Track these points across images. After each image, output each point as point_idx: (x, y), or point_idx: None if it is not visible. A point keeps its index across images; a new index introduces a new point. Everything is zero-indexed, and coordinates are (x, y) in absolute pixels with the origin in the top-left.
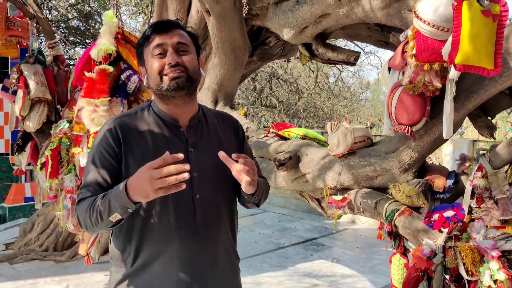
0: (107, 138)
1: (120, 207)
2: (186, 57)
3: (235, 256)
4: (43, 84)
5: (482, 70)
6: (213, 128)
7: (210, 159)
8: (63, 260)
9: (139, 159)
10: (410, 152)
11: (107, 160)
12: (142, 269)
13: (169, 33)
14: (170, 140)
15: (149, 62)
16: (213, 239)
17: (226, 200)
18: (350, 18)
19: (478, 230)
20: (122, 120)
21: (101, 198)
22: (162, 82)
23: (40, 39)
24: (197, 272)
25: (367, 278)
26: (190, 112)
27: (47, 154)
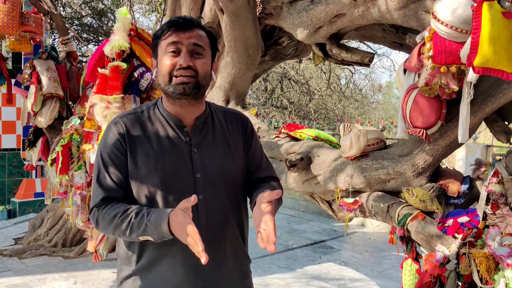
0: (115, 136)
1: (157, 235)
2: (199, 61)
3: (244, 258)
4: (56, 80)
5: (501, 73)
6: (220, 127)
7: (214, 160)
8: (71, 256)
9: (143, 159)
10: (424, 156)
11: (118, 158)
12: (146, 268)
13: (188, 32)
14: (174, 140)
15: (161, 58)
16: (218, 240)
17: (232, 201)
18: (365, 19)
19: (493, 237)
20: (128, 119)
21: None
22: (169, 83)
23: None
24: (202, 273)
25: (376, 283)
26: (196, 111)
27: (58, 150)
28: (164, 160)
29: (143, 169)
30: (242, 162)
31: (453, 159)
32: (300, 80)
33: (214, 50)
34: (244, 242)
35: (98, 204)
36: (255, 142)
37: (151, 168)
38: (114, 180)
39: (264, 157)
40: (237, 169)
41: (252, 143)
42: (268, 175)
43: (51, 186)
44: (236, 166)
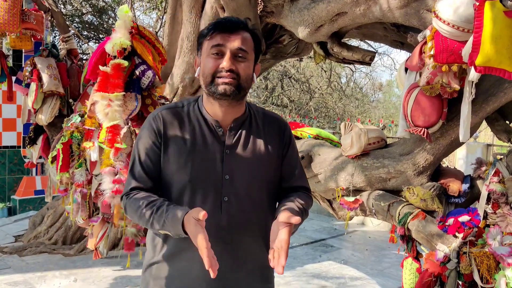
0: (152, 128)
1: (174, 232)
2: (242, 65)
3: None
4: (56, 78)
5: (503, 73)
6: (257, 131)
7: (245, 163)
8: (71, 254)
9: (175, 154)
10: (425, 155)
11: (152, 151)
12: (168, 259)
13: (233, 35)
14: (208, 140)
15: (205, 58)
16: (237, 243)
17: (258, 205)
18: (367, 17)
19: (494, 236)
20: (168, 112)
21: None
22: (211, 84)
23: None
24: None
25: (376, 281)
26: (234, 114)
27: (59, 147)
28: (195, 158)
29: (174, 165)
30: (275, 168)
31: (454, 158)
32: (300, 79)
33: (258, 52)
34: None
35: (127, 192)
36: (292, 149)
37: (181, 164)
38: (146, 170)
39: (299, 166)
40: (268, 175)
41: (289, 150)
42: (300, 185)
43: (51, 184)
44: (267, 172)
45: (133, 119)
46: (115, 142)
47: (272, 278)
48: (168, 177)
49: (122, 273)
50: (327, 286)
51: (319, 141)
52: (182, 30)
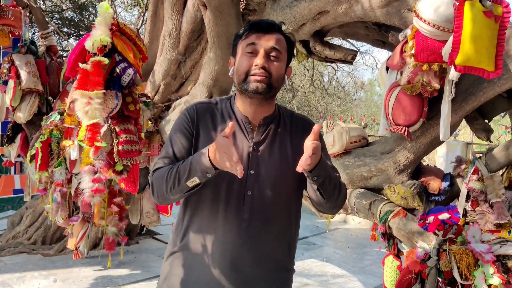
0: (186, 118)
1: (201, 170)
2: (274, 64)
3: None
4: (35, 75)
5: (482, 72)
6: (284, 131)
7: (271, 161)
8: (51, 254)
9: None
10: (406, 153)
11: (184, 138)
12: (188, 246)
13: (267, 35)
14: (237, 135)
15: (240, 57)
16: (258, 238)
17: (282, 203)
18: (348, 16)
19: (473, 234)
20: (202, 106)
21: (182, 164)
22: (244, 82)
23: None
24: (237, 266)
25: (358, 278)
26: (264, 112)
27: (37, 146)
28: None
29: None
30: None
31: (434, 156)
32: None
33: (291, 55)
34: (289, 249)
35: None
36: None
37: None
38: (176, 155)
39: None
40: (293, 174)
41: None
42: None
43: (30, 183)
44: (291, 171)
45: (114, 117)
46: (95, 141)
47: (290, 281)
48: None
49: (103, 273)
50: (309, 284)
51: None
52: (163, 27)
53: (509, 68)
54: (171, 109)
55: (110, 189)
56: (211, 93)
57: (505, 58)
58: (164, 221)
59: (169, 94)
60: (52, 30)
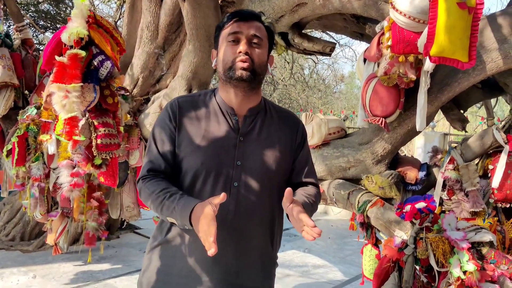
0: (168, 113)
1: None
2: (257, 51)
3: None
4: (10, 69)
5: (456, 63)
6: (271, 122)
7: (258, 152)
8: (30, 250)
9: (189, 139)
10: (384, 144)
11: (167, 134)
12: (172, 240)
13: (248, 23)
14: (223, 126)
15: (223, 47)
16: (242, 230)
17: (267, 196)
18: (326, 8)
19: (448, 222)
20: (185, 100)
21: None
22: (230, 70)
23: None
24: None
25: (339, 268)
26: (250, 103)
27: (14, 141)
28: (208, 143)
29: (187, 147)
30: (286, 163)
31: (413, 147)
32: None
33: (271, 44)
34: (272, 242)
35: (144, 175)
36: (306, 146)
37: (194, 147)
38: (161, 152)
39: (310, 163)
40: (279, 167)
41: (303, 146)
42: (310, 181)
43: (7, 178)
44: (278, 164)
45: (91, 110)
46: (73, 135)
47: (273, 275)
48: (182, 159)
49: (83, 268)
50: (290, 275)
51: None
52: (141, 19)
53: (483, 59)
54: (150, 103)
55: (89, 184)
56: (191, 86)
57: (479, 49)
58: (144, 215)
59: (148, 87)
60: (28, 23)
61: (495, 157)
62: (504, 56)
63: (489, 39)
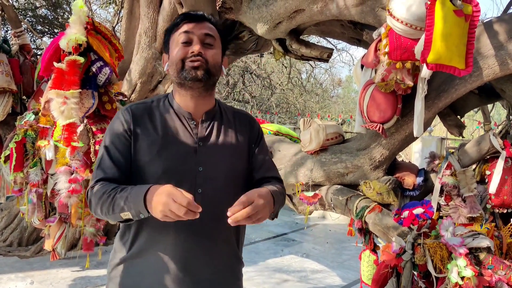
0: (121, 122)
1: (134, 209)
2: (210, 51)
3: (236, 259)
4: (8, 74)
5: (453, 70)
6: (228, 124)
7: (219, 155)
8: (27, 255)
9: (147, 147)
10: (381, 150)
11: (121, 143)
12: (137, 255)
13: (199, 23)
14: (181, 132)
15: (173, 49)
16: (210, 236)
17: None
18: (324, 15)
19: (446, 228)
20: (137, 107)
21: (120, 192)
22: (183, 70)
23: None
24: (190, 267)
25: (337, 273)
26: (205, 106)
27: (12, 146)
28: (168, 150)
29: (146, 157)
30: (246, 162)
31: (410, 152)
32: (261, 74)
33: (225, 45)
34: (238, 244)
35: (93, 185)
36: (263, 142)
37: (154, 156)
38: (115, 162)
39: (269, 159)
40: (241, 168)
41: (260, 142)
42: (272, 176)
43: (5, 184)
44: (239, 164)
45: (90, 116)
46: (71, 141)
47: (241, 275)
48: (140, 168)
49: (81, 273)
50: (289, 280)
51: (279, 137)
52: (139, 25)
53: (479, 65)
54: None
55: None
56: None
57: (475, 55)
58: None
59: (146, 92)
60: (25, 28)
61: (492, 163)
62: (500, 63)
63: (485, 45)
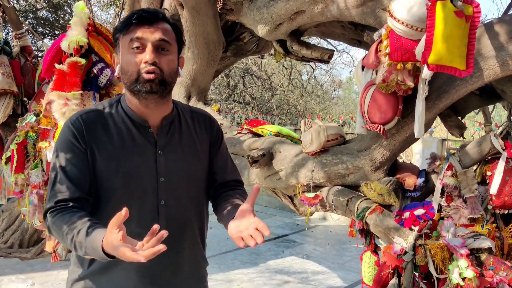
0: (73, 133)
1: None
2: (165, 58)
3: (202, 261)
4: (9, 76)
5: (454, 70)
6: (187, 128)
7: (180, 163)
8: (28, 257)
9: (104, 160)
10: (382, 151)
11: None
12: (99, 272)
13: (152, 26)
14: (139, 142)
15: (125, 54)
16: (176, 247)
17: (195, 205)
18: (324, 16)
19: (447, 228)
20: (88, 116)
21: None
22: (137, 82)
23: (7, 29)
24: (157, 280)
25: (338, 275)
26: (162, 112)
27: (13, 148)
28: (127, 163)
29: (103, 172)
30: (207, 165)
31: (411, 153)
32: (262, 76)
33: (180, 44)
34: (203, 244)
35: (52, 207)
36: (223, 143)
37: (112, 170)
38: (71, 178)
39: (230, 159)
40: (203, 172)
41: (221, 145)
42: (234, 179)
43: (6, 186)
44: (202, 169)
45: None
46: None
47: (206, 277)
48: (99, 184)
49: None
50: (290, 281)
51: (280, 138)
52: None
53: (480, 66)
54: None
55: None
56: (189, 93)
57: (476, 56)
58: None
59: None
60: (27, 30)
61: (493, 164)
62: (501, 64)
63: (486, 46)
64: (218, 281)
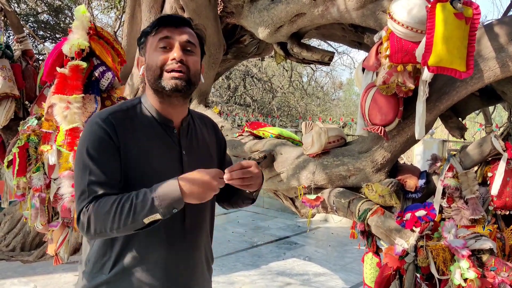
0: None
1: (167, 206)
2: (191, 58)
3: (212, 260)
4: (11, 79)
5: (454, 72)
6: (200, 131)
7: (200, 164)
8: (30, 260)
9: (135, 159)
10: (383, 152)
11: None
12: (122, 275)
13: (179, 28)
14: (165, 141)
15: (152, 53)
16: (196, 245)
17: (210, 205)
18: (325, 18)
19: (449, 230)
20: (117, 116)
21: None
22: (161, 78)
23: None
24: (179, 277)
25: (339, 276)
26: (182, 113)
27: (15, 151)
28: (155, 162)
29: (133, 170)
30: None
31: (412, 154)
32: (262, 78)
33: (203, 52)
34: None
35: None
36: (226, 148)
37: (142, 169)
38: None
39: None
40: None
41: (225, 149)
42: None
43: (8, 189)
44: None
45: None
46: (74, 145)
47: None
48: (128, 183)
49: None
50: (291, 283)
51: (281, 140)
52: (141, 30)
53: (480, 68)
54: None
55: None
56: (191, 96)
57: (476, 58)
58: None
59: None
60: (28, 33)
61: (494, 165)
62: (501, 65)
63: (486, 48)
64: (220, 283)
